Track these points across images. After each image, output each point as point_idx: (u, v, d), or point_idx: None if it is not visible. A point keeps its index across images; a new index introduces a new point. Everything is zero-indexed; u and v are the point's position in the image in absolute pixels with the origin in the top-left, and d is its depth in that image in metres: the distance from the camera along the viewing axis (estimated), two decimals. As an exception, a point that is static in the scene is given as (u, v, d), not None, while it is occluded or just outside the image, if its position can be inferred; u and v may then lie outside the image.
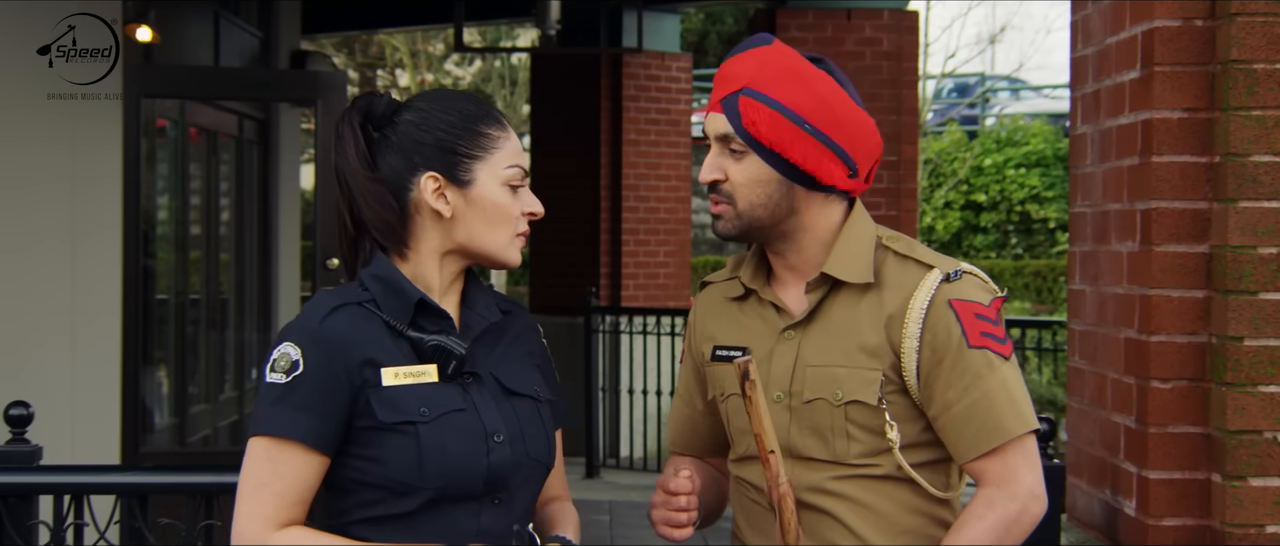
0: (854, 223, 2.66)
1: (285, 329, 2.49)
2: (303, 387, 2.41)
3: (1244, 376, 3.41)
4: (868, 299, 2.61)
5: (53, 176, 6.84)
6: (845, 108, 2.62)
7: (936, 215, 19.92)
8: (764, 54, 2.62)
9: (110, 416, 7.14)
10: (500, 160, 2.52)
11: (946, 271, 2.59)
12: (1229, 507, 3.41)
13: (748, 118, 2.58)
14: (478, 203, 2.51)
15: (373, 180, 2.50)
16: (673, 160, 12.11)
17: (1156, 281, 3.52)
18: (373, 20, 14.94)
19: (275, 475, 2.41)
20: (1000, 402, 2.55)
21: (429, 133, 2.51)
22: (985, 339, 2.57)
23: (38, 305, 6.79)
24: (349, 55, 26.03)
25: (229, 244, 9.70)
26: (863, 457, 2.60)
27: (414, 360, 2.48)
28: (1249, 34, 3.42)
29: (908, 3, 10.06)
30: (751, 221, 2.62)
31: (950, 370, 2.56)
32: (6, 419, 3.97)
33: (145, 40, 7.52)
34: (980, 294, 2.61)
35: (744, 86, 2.60)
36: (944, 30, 38.85)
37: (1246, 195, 3.42)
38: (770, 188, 2.60)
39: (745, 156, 2.60)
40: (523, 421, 2.53)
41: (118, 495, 3.95)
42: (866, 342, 2.59)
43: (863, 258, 2.62)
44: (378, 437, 2.44)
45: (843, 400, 2.59)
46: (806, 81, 2.60)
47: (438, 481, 2.44)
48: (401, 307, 2.49)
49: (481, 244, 2.52)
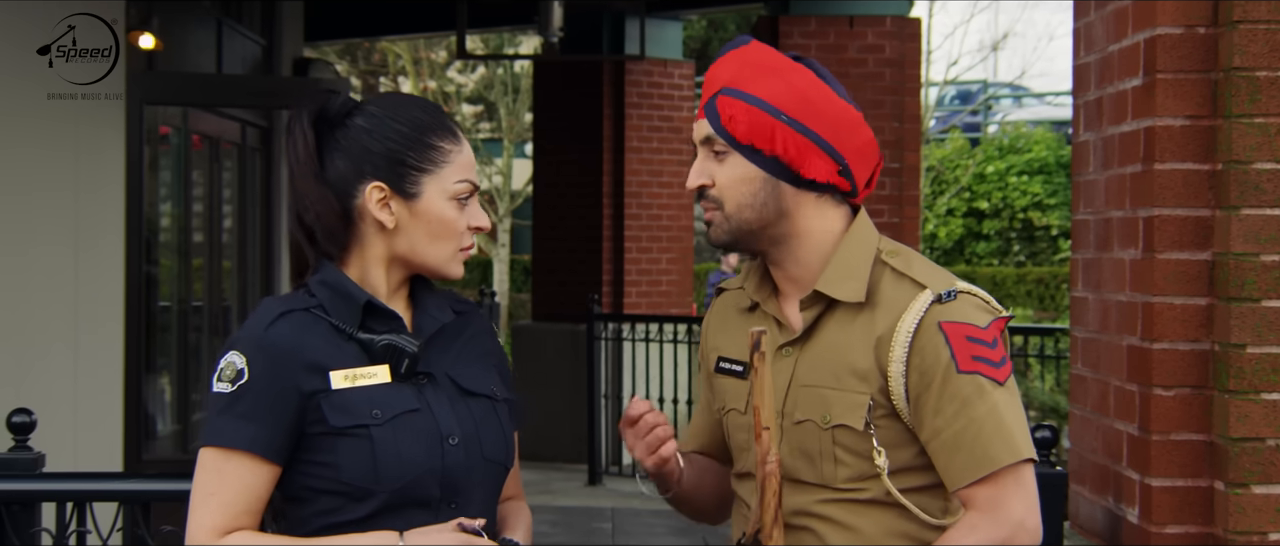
0: (854, 234, 2.58)
1: (231, 338, 2.47)
2: (248, 396, 2.40)
3: (1247, 383, 3.41)
4: (861, 318, 2.53)
5: (56, 183, 6.85)
6: (826, 100, 2.55)
7: (939, 222, 19.92)
8: (741, 54, 2.59)
9: (113, 423, 7.14)
10: (450, 174, 2.50)
11: (939, 292, 2.49)
12: (1232, 515, 3.40)
13: (725, 115, 2.55)
14: (423, 216, 2.49)
15: (318, 183, 2.48)
16: (675, 167, 12.11)
17: (1159, 289, 3.52)
18: (375, 27, 14.96)
19: (223, 484, 2.40)
20: (989, 430, 2.45)
21: (379, 141, 2.48)
22: (977, 363, 2.47)
23: (41, 312, 6.79)
24: (352, 62, 26.05)
25: (231, 251, 9.70)
26: (850, 482, 2.52)
27: (365, 363, 2.46)
28: (1251, 41, 3.42)
29: (910, 10, 10.07)
30: (740, 224, 2.56)
31: (938, 395, 2.46)
32: (9, 426, 3.97)
33: (148, 47, 7.53)
34: (977, 315, 2.50)
35: (723, 87, 2.56)
36: (946, 37, 38.90)
37: (1249, 202, 3.42)
38: (754, 185, 2.54)
39: (727, 156, 2.56)
40: (479, 422, 2.51)
41: (120, 502, 3.96)
42: (856, 365, 2.51)
43: (858, 274, 2.54)
44: (331, 443, 2.42)
45: (830, 424, 2.51)
46: (782, 74, 2.55)
47: (393, 483, 2.41)
48: (350, 311, 2.47)
49: (423, 256, 2.50)
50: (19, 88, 6.53)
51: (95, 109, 6.88)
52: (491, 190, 24.43)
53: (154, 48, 7.59)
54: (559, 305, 11.77)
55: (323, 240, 2.48)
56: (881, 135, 9.54)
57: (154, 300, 7.99)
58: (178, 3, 8.43)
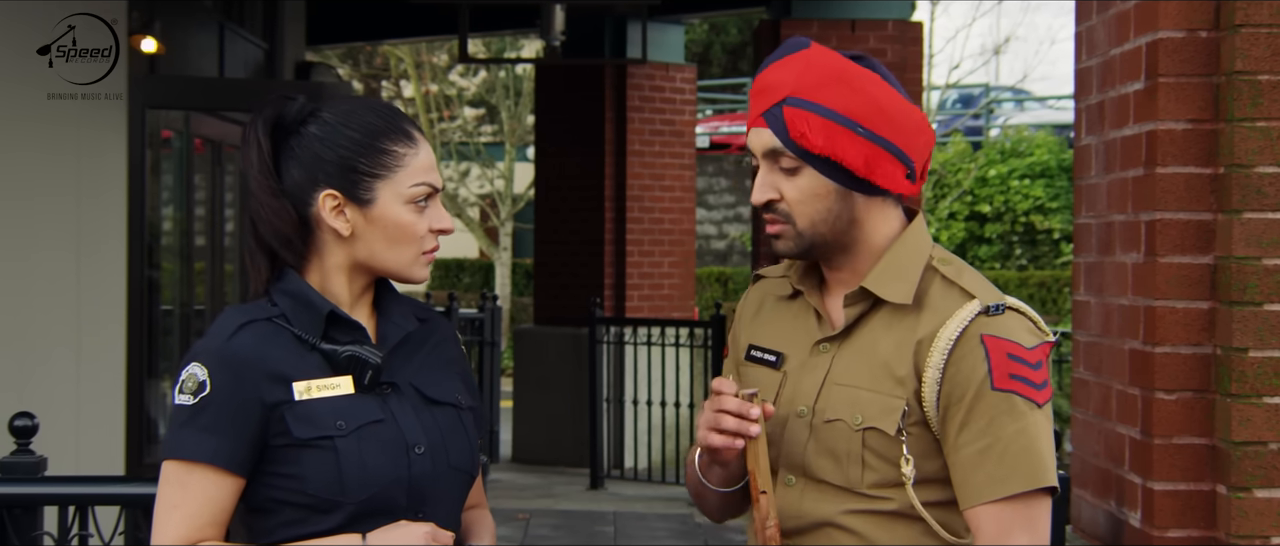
0: (909, 237, 2.50)
1: (192, 348, 2.44)
2: (210, 409, 2.37)
3: (1249, 388, 3.40)
4: (906, 321, 2.45)
5: (58, 187, 6.85)
6: (896, 106, 2.45)
7: (941, 226, 19.91)
8: (804, 59, 2.46)
9: (115, 427, 7.15)
10: (405, 178, 2.46)
11: (988, 304, 2.42)
12: (1234, 519, 3.40)
13: (796, 129, 2.43)
14: (379, 222, 2.45)
15: (273, 193, 2.45)
16: (677, 171, 12.11)
17: (1161, 293, 3.52)
18: (377, 31, 14.96)
19: (186, 497, 2.37)
20: (1013, 453, 2.37)
21: (330, 148, 2.46)
22: (1014, 382, 2.39)
23: (43, 316, 6.79)
24: (354, 66, 26.06)
25: (233, 255, 9.70)
26: (875, 488, 2.44)
27: (328, 373, 2.43)
28: (1253, 45, 3.42)
29: (912, 14, 10.07)
30: (814, 239, 2.47)
31: (969, 409, 2.39)
32: (11, 430, 3.97)
33: (150, 51, 7.53)
34: (1023, 334, 2.42)
35: (788, 96, 2.44)
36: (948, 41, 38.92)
37: (1251, 206, 3.42)
38: (829, 200, 2.45)
39: (799, 171, 2.45)
40: (444, 430, 2.49)
41: (122, 506, 3.96)
42: (894, 368, 2.44)
43: (908, 277, 2.46)
44: (295, 455, 2.39)
45: (861, 425, 2.44)
46: (853, 83, 2.44)
47: (359, 494, 2.39)
48: (312, 321, 2.44)
49: (383, 262, 2.48)
50: (20, 90, 6.54)
51: (97, 113, 6.89)
52: (493, 194, 24.42)
53: (156, 52, 7.59)
54: (561, 309, 11.77)
55: (280, 249, 2.46)
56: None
57: (156, 304, 7.98)
58: (180, 5, 8.43)
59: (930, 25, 20.17)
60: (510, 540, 8.76)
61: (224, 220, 9.52)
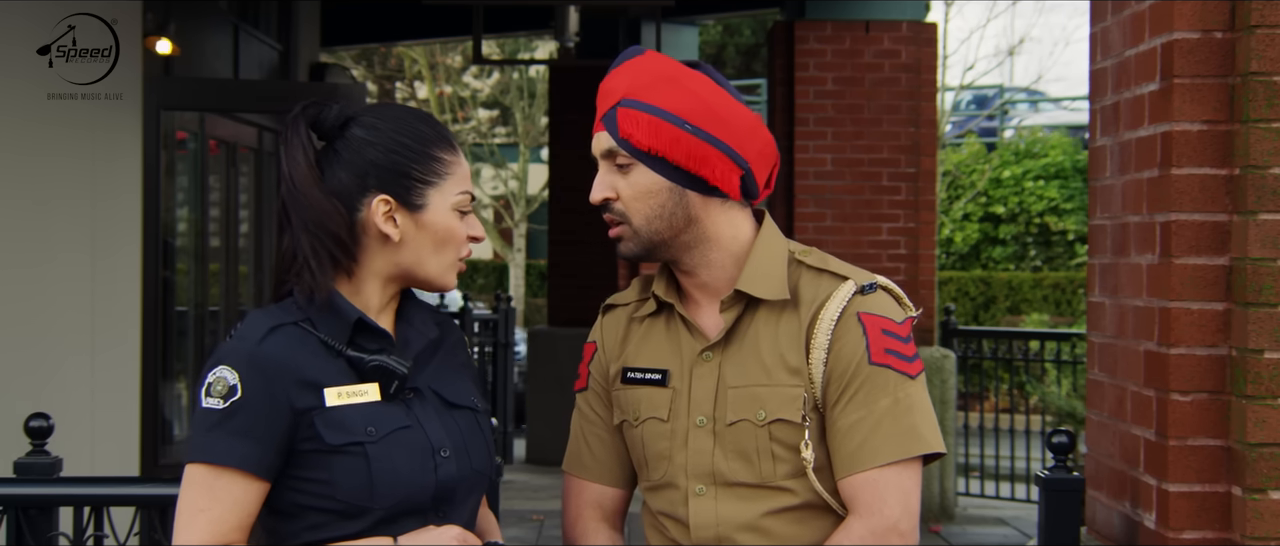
0: (764, 238, 2.59)
1: (219, 351, 2.43)
2: (241, 413, 2.36)
3: (1264, 389, 3.40)
4: (786, 316, 2.55)
5: (73, 190, 6.86)
6: (726, 106, 2.55)
7: (955, 227, 19.89)
8: (638, 64, 2.59)
9: (130, 428, 7.16)
10: (452, 186, 2.50)
11: (861, 284, 2.54)
12: (1249, 520, 3.40)
13: (625, 128, 2.54)
14: (428, 227, 2.48)
15: (326, 193, 2.45)
16: (691, 172, 12.11)
17: (1176, 294, 3.51)
18: (392, 32, 14.99)
19: (213, 501, 2.36)
20: (886, 425, 2.48)
21: (382, 153, 2.46)
22: (888, 356, 2.50)
23: (58, 318, 6.81)
24: (368, 67, 26.10)
25: (248, 256, 9.72)
26: (789, 478, 2.53)
27: (353, 379, 2.44)
28: (1269, 46, 3.41)
29: (926, 15, 10.06)
30: (651, 237, 2.57)
31: (846, 384, 2.50)
32: (27, 431, 3.98)
33: (165, 52, 7.54)
34: (893, 310, 2.55)
35: (622, 98, 2.56)
36: (963, 42, 38.88)
37: (1266, 207, 3.41)
38: (661, 197, 2.55)
39: (631, 168, 2.55)
40: (465, 434, 2.52)
41: (137, 507, 3.97)
42: (788, 359, 2.53)
43: (776, 274, 2.56)
44: (325, 460, 2.40)
45: (766, 420, 2.52)
46: (680, 83, 2.55)
47: (389, 500, 2.41)
48: (339, 327, 2.45)
49: (426, 268, 2.50)
50: (34, 93, 6.55)
51: (112, 115, 6.90)
52: (507, 195, 24.45)
53: (171, 53, 7.61)
54: (576, 310, 11.78)
55: (332, 251, 2.45)
56: (897, 140, 9.54)
57: (171, 305, 8.00)
58: (195, 6, 8.45)
59: (945, 26, 20.15)
60: (524, 541, 8.75)
61: (238, 222, 9.53)
